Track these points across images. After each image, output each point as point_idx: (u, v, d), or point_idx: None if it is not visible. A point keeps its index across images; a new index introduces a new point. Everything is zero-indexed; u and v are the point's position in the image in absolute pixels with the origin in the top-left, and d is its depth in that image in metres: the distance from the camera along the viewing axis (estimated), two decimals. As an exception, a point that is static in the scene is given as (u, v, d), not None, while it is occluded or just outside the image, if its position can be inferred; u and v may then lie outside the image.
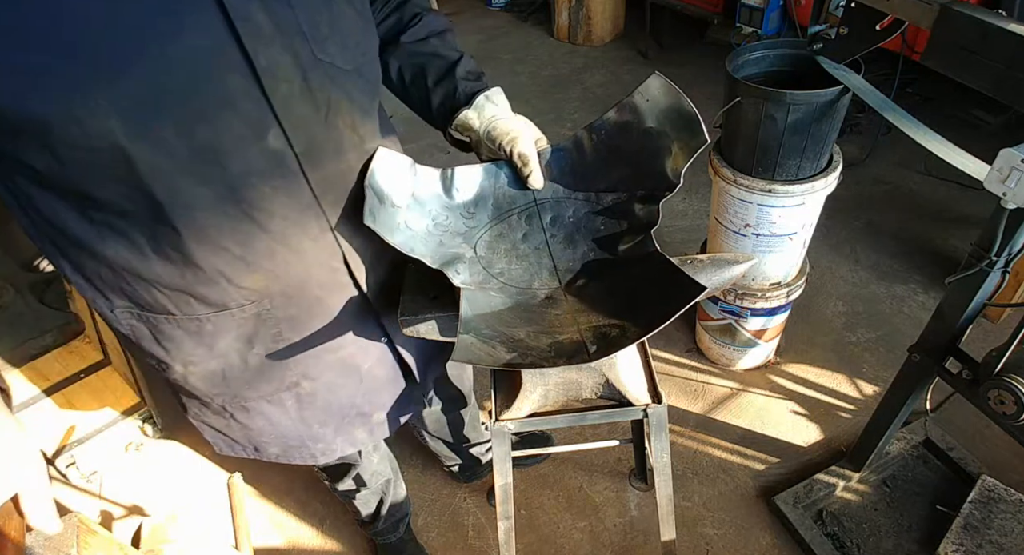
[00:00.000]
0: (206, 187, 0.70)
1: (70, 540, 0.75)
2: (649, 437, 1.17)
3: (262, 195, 0.74)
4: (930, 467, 1.74)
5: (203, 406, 1.00)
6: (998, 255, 1.09)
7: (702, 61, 3.60)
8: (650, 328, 0.72)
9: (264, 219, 0.76)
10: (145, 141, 0.64)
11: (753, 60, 1.53)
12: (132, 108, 0.62)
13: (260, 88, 0.68)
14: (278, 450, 1.07)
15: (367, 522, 1.56)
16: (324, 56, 0.73)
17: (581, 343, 0.77)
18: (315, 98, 0.73)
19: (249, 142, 0.70)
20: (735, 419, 1.96)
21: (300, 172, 0.76)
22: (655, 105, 0.89)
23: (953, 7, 1.02)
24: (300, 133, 0.73)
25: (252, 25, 0.65)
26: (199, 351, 0.87)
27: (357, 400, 1.04)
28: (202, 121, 0.66)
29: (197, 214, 0.72)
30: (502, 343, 0.79)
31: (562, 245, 0.93)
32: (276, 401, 0.97)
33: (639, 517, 1.74)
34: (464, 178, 0.94)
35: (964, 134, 1.35)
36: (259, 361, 0.90)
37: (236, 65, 0.66)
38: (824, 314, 2.24)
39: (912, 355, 1.36)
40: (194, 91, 0.64)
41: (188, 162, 0.67)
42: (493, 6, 4.58)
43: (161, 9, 0.61)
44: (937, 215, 2.55)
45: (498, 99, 0.95)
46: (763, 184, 1.52)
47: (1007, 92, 1.00)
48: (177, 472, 1.97)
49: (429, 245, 0.90)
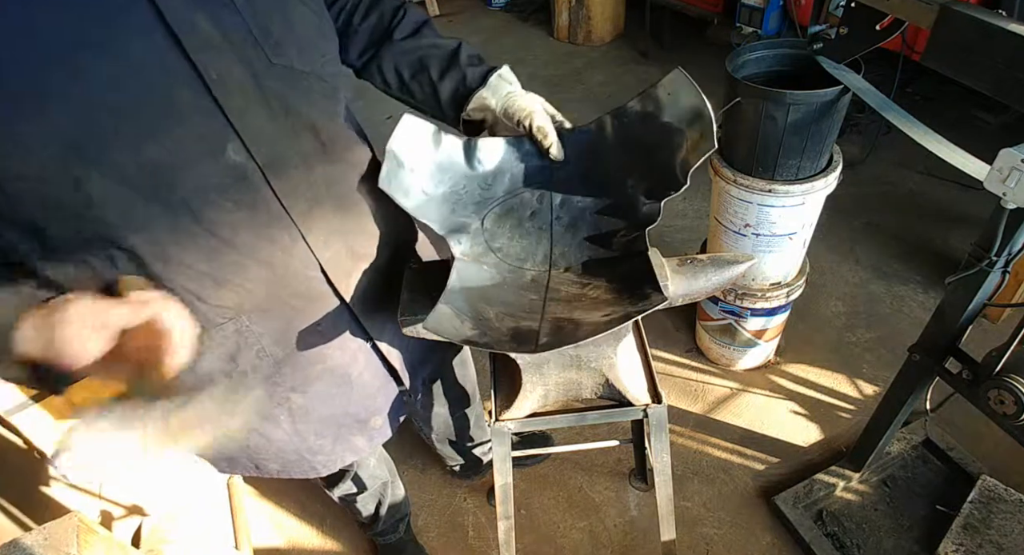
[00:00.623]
0: (161, 206, 0.67)
1: (70, 540, 0.76)
2: (649, 437, 1.17)
3: (224, 210, 0.71)
4: (930, 467, 1.74)
5: None
6: (998, 255, 1.09)
7: (702, 61, 3.59)
8: (597, 331, 0.73)
9: (228, 234, 0.73)
10: (92, 166, 0.61)
11: (753, 60, 1.53)
12: (70, 134, 0.58)
13: (214, 101, 0.65)
14: (278, 466, 1.05)
15: (367, 523, 1.56)
16: (279, 60, 0.71)
17: (535, 333, 0.78)
18: (273, 106, 0.71)
19: (205, 158, 0.67)
20: (735, 419, 1.96)
21: (265, 184, 0.73)
22: (675, 101, 0.89)
23: (953, 7, 1.02)
24: (261, 145, 0.71)
25: (197, 35, 0.63)
26: (182, 375, 0.86)
27: (351, 408, 1.03)
28: (150, 140, 0.63)
29: (156, 235, 0.69)
30: (471, 319, 0.80)
31: (564, 228, 0.94)
32: (269, 417, 0.95)
33: (639, 517, 1.74)
34: (487, 149, 0.95)
35: (964, 134, 1.35)
36: (245, 381, 0.87)
37: (185, 78, 0.63)
38: (824, 314, 2.24)
39: (912, 355, 1.36)
40: (139, 108, 0.61)
41: (139, 183, 0.64)
42: (493, 6, 4.58)
43: (92, 20, 0.58)
44: (937, 215, 2.55)
45: (510, 77, 0.95)
46: (763, 184, 1.52)
47: (1007, 92, 0.99)
48: (177, 472, 1.97)
49: (441, 212, 0.91)
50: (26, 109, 0.57)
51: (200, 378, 0.86)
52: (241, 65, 0.67)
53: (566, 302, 0.84)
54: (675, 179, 0.85)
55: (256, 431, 0.96)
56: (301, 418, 0.98)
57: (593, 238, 0.92)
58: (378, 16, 0.94)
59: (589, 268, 0.89)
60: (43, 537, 0.74)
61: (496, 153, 0.96)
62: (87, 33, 0.58)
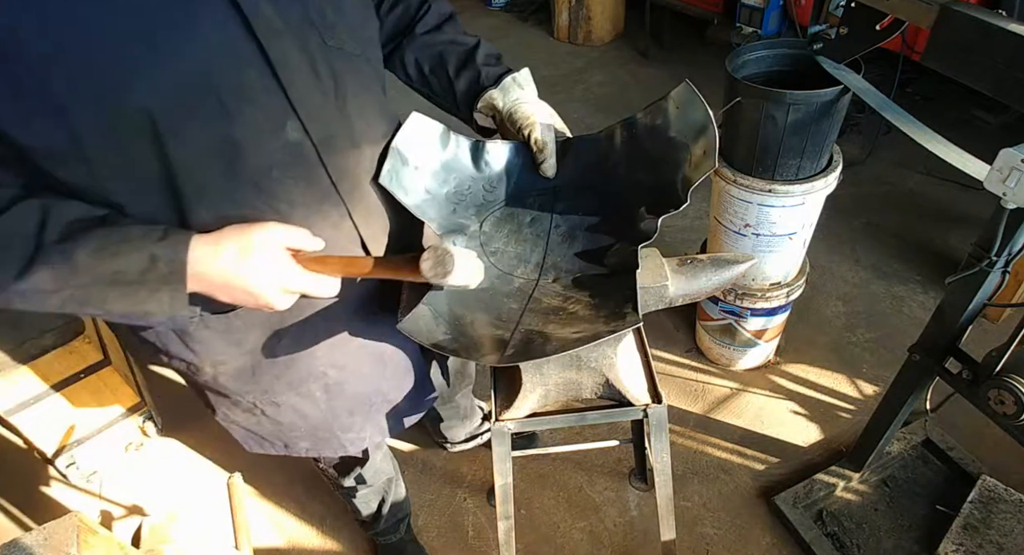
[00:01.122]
0: (231, 182, 0.72)
1: (70, 540, 0.76)
2: (649, 437, 1.17)
3: (284, 187, 0.76)
4: (930, 467, 1.74)
5: (233, 405, 1.00)
6: (998, 255, 1.09)
7: (702, 61, 3.60)
8: (564, 348, 0.75)
9: (287, 209, 0.77)
10: (174, 137, 0.65)
11: (753, 60, 1.53)
12: (150, 105, 0.62)
13: (276, 81, 0.69)
14: (308, 444, 1.08)
15: (368, 521, 1.56)
16: (333, 42, 0.75)
17: (505, 343, 0.79)
18: (327, 87, 0.75)
19: (269, 135, 0.72)
20: (735, 419, 1.96)
21: (319, 161, 0.77)
22: (682, 115, 0.88)
23: (953, 7, 1.02)
24: (317, 123, 0.75)
25: (264, 19, 0.66)
26: (229, 350, 0.88)
27: (383, 386, 1.06)
28: (223, 117, 0.67)
29: (223, 208, 0.73)
30: (446, 323, 0.82)
31: (561, 238, 0.94)
32: (305, 393, 0.98)
33: (639, 517, 1.74)
34: (494, 152, 0.96)
35: (964, 134, 1.35)
36: (287, 353, 0.92)
37: (252, 59, 0.67)
38: (824, 314, 2.24)
39: (912, 355, 1.36)
40: (214, 86, 0.65)
41: (213, 157, 0.69)
42: (493, 6, 4.59)
43: (174, 6, 0.62)
44: (937, 215, 2.55)
45: (525, 82, 0.95)
46: (763, 184, 1.52)
47: (1007, 92, 0.99)
48: (177, 472, 1.97)
49: (442, 211, 0.92)
50: (108, 79, 0.60)
51: (245, 353, 0.90)
52: (299, 47, 0.71)
53: (544, 314, 0.84)
54: (676, 196, 0.84)
55: (292, 408, 0.99)
56: (336, 394, 1.01)
57: (586, 251, 0.92)
58: (404, 8, 0.96)
59: (577, 281, 0.88)
60: (43, 537, 0.74)
61: (503, 157, 0.96)
62: (168, 13, 0.61)
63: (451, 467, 1.90)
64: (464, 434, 1.84)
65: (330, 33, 0.74)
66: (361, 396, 1.04)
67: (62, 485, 1.95)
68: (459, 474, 1.88)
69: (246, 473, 1.91)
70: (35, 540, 0.73)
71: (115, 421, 1.90)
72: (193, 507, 1.87)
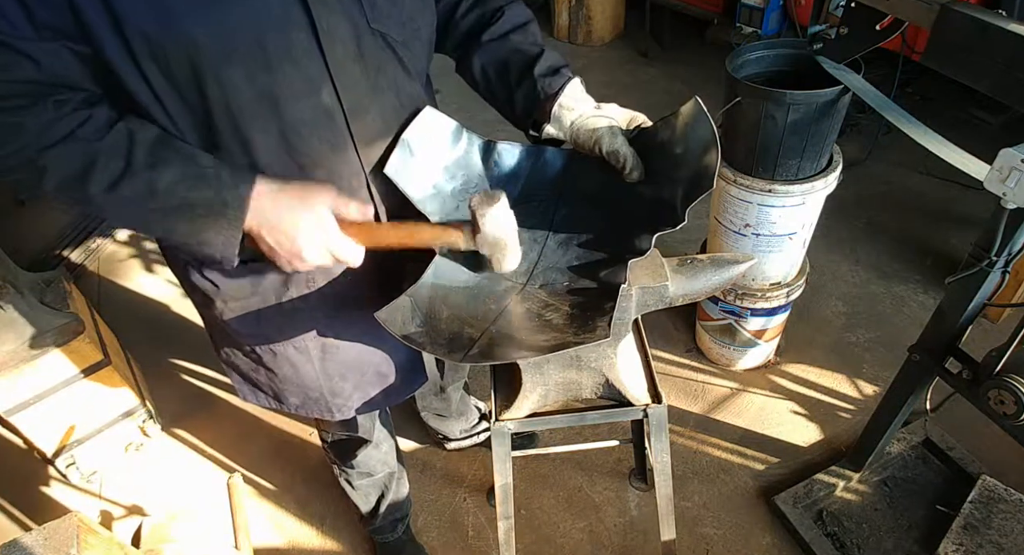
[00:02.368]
0: (264, 133, 0.78)
1: (70, 540, 0.76)
2: (649, 437, 1.17)
3: (311, 145, 0.82)
4: (930, 467, 1.74)
5: (235, 348, 1.05)
6: (998, 255, 1.09)
7: (702, 61, 3.60)
8: (530, 354, 0.78)
9: (310, 167, 0.83)
10: (218, 80, 0.72)
11: (753, 60, 1.53)
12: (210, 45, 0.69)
13: (319, 48, 0.75)
14: (298, 401, 1.11)
15: (366, 517, 1.56)
16: (378, 26, 0.80)
17: (471, 343, 0.80)
18: (366, 62, 0.81)
19: (304, 96, 0.78)
20: (735, 419, 1.96)
21: (346, 128, 0.83)
22: (690, 131, 0.86)
23: (953, 7, 1.02)
24: (350, 92, 0.81)
25: None
26: (244, 288, 0.93)
27: (377, 358, 1.08)
28: (266, 70, 0.73)
29: (254, 154, 0.79)
30: (422, 316, 0.83)
31: (557, 245, 0.94)
32: (302, 348, 1.02)
33: (639, 517, 1.74)
34: (505, 153, 0.97)
35: (964, 134, 1.35)
36: (291, 305, 0.96)
37: (300, 24, 0.73)
38: (824, 314, 2.24)
39: (912, 355, 1.36)
40: (262, 41, 0.71)
41: (251, 106, 0.75)
42: (493, 6, 4.59)
43: None
44: (937, 215, 2.55)
45: (574, 102, 0.92)
46: (763, 184, 1.52)
47: (1007, 92, 1.00)
48: (177, 472, 1.97)
49: (445, 207, 0.93)
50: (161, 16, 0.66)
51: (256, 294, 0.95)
52: (346, 22, 0.77)
53: (519, 319, 0.84)
54: (674, 214, 0.83)
55: (288, 360, 1.04)
56: (331, 356, 1.05)
57: (579, 261, 0.91)
58: (478, 15, 0.97)
59: (563, 290, 0.88)
60: (43, 537, 0.74)
61: (513, 158, 0.97)
62: None
63: (451, 467, 1.90)
64: (459, 431, 1.84)
65: (375, 16, 0.79)
66: (353, 363, 1.07)
67: (62, 485, 1.95)
68: (459, 474, 1.88)
69: (246, 473, 1.91)
70: (35, 540, 0.73)
71: (115, 421, 1.90)
72: (193, 507, 1.87)
